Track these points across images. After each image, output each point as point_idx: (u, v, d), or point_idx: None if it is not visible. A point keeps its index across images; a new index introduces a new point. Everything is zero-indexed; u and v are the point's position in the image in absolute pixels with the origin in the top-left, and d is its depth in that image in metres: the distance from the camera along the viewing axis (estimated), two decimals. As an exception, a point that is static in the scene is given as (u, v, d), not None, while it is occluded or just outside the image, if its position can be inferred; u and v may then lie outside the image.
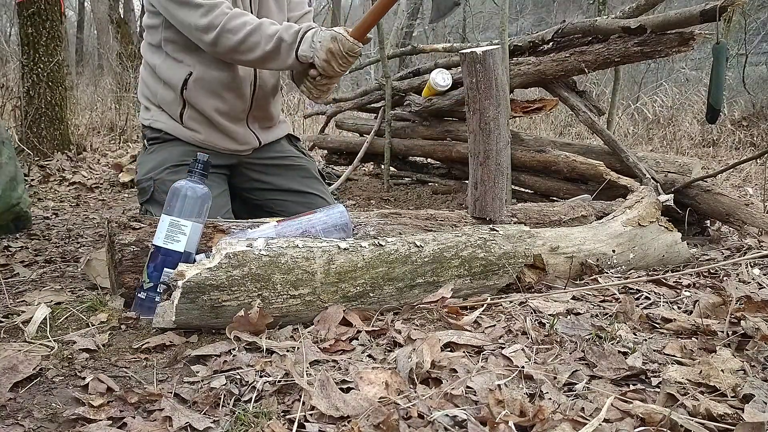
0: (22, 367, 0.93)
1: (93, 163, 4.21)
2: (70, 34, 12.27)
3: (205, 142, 1.78)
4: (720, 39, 2.09)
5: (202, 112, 1.76)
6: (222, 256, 1.08)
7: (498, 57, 1.51)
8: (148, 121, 1.80)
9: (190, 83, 1.72)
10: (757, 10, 9.14)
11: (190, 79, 1.71)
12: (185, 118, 1.76)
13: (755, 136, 6.58)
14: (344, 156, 4.34)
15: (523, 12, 14.10)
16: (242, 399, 0.87)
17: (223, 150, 1.82)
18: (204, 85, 1.73)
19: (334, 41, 1.54)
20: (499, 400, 0.80)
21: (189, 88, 1.72)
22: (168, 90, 1.75)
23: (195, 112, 1.76)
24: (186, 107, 1.75)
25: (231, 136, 1.81)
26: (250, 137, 1.85)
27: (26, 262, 1.74)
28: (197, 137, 1.78)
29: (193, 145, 1.77)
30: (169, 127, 1.78)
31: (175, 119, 1.77)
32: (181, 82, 1.72)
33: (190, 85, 1.72)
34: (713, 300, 1.20)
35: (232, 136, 1.81)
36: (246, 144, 1.85)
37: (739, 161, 2.37)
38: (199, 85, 1.72)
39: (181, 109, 1.75)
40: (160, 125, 1.78)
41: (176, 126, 1.77)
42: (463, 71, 1.54)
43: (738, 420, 0.76)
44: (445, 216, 1.59)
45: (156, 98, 1.79)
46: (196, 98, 1.73)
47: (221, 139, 1.80)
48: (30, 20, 3.93)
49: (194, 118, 1.77)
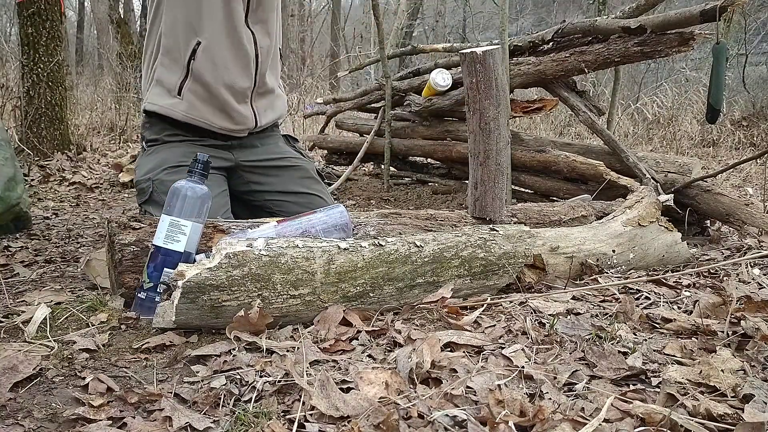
0: (22, 367, 0.93)
1: (93, 163, 4.21)
2: (70, 34, 12.28)
3: (200, 118, 1.74)
4: (720, 39, 2.09)
5: (206, 85, 1.72)
6: (222, 256, 1.08)
7: (498, 57, 1.51)
8: (144, 103, 1.78)
9: (199, 53, 1.68)
10: (757, 10, 9.14)
11: (199, 49, 1.68)
12: (184, 90, 1.72)
13: (755, 136, 6.58)
14: (344, 156, 4.34)
15: (523, 12, 14.10)
16: (242, 399, 0.87)
17: (218, 129, 1.78)
18: (213, 56, 1.69)
19: None
20: (499, 400, 0.80)
21: (198, 59, 1.69)
22: (169, 59, 1.71)
23: (197, 84, 1.72)
24: (188, 78, 1.71)
25: (229, 114, 1.77)
26: (248, 116, 1.81)
27: (26, 262, 1.74)
28: (192, 113, 1.73)
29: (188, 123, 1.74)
30: (164, 106, 1.74)
31: (173, 93, 1.73)
32: (189, 50, 1.68)
33: (199, 55, 1.69)
34: (713, 300, 1.20)
35: (230, 113, 1.77)
36: (242, 124, 1.81)
37: (739, 161, 2.37)
38: (208, 56, 1.69)
39: (182, 80, 1.71)
40: (155, 107, 1.75)
41: (172, 103, 1.73)
42: (463, 71, 1.54)
43: (738, 420, 0.76)
44: (445, 216, 1.59)
45: (155, 71, 1.75)
46: (203, 70, 1.70)
47: (217, 116, 1.76)
48: (30, 20, 3.93)
49: (195, 90, 1.72)
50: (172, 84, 1.73)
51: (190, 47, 1.69)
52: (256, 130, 1.87)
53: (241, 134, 1.85)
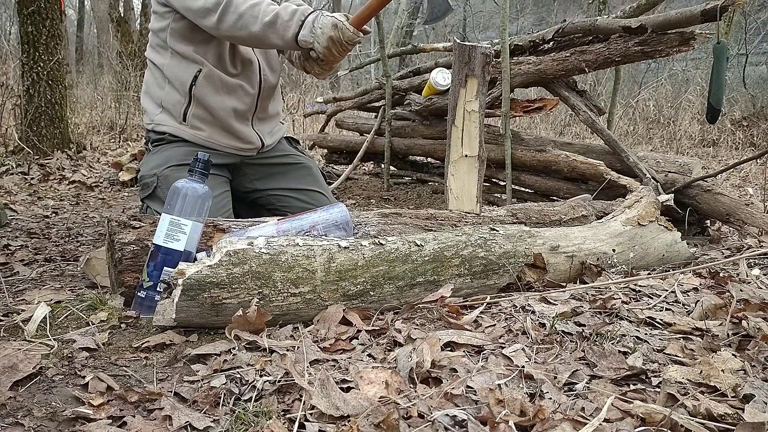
0: (22, 365, 0.93)
1: (93, 161, 4.21)
2: (70, 33, 12.27)
3: (208, 140, 1.79)
4: (720, 39, 2.09)
5: (209, 109, 1.76)
6: (222, 253, 1.08)
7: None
8: (151, 125, 1.81)
9: (200, 79, 1.73)
10: (757, 10, 9.14)
11: (200, 76, 1.73)
12: (189, 117, 1.77)
13: (755, 136, 6.58)
14: (344, 155, 4.34)
15: (524, 11, 14.09)
16: (242, 398, 0.86)
17: (227, 148, 1.82)
18: (213, 81, 1.74)
19: (335, 29, 1.54)
20: (500, 400, 0.80)
21: (198, 85, 1.74)
22: (173, 89, 1.76)
23: (201, 109, 1.76)
24: (191, 105, 1.76)
25: (235, 135, 1.82)
26: (253, 136, 1.86)
27: (26, 260, 1.74)
28: (200, 135, 1.78)
29: (197, 144, 1.78)
30: (172, 128, 1.79)
31: (179, 120, 1.78)
32: (190, 78, 1.73)
33: (200, 81, 1.74)
34: (714, 300, 1.20)
35: (236, 134, 1.82)
36: (249, 143, 1.86)
37: (739, 161, 2.37)
38: (208, 81, 1.74)
39: (186, 108, 1.76)
40: (164, 128, 1.79)
41: (179, 127, 1.78)
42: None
43: (738, 420, 0.76)
44: (445, 215, 1.59)
45: (160, 100, 1.79)
46: (204, 95, 1.75)
47: (225, 137, 1.81)
48: (30, 19, 3.93)
49: (198, 116, 1.77)
50: (177, 111, 1.78)
51: (191, 74, 1.74)
52: (263, 150, 1.91)
53: (250, 153, 1.89)
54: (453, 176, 1.67)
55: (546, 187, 2.73)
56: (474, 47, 1.64)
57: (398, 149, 3.65)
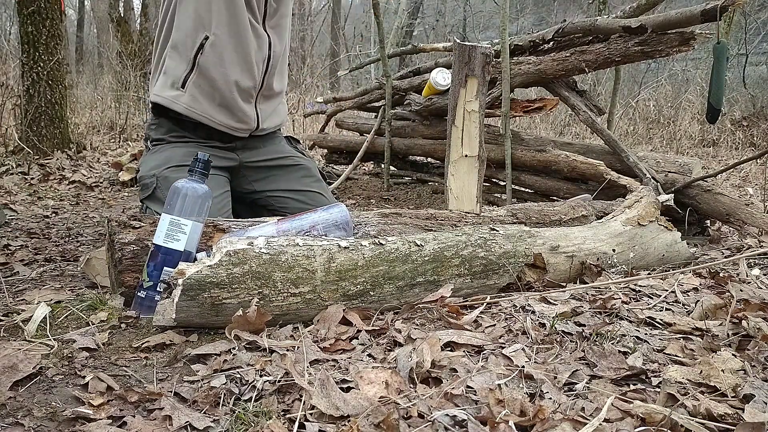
0: (22, 365, 0.93)
1: (93, 161, 4.21)
2: (70, 33, 12.27)
3: (203, 114, 1.75)
4: (720, 39, 2.09)
5: (212, 80, 1.73)
6: (222, 253, 1.08)
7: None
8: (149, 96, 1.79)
9: (206, 47, 1.69)
10: (757, 10, 9.14)
11: (207, 44, 1.69)
12: (189, 83, 1.73)
13: (755, 136, 6.58)
14: (344, 155, 4.35)
15: (524, 11, 14.09)
16: (242, 398, 0.86)
17: (219, 125, 1.78)
18: (221, 52, 1.70)
19: None
20: (500, 400, 0.80)
21: (205, 53, 1.70)
22: (176, 52, 1.73)
23: (202, 79, 1.73)
24: (193, 72, 1.72)
25: (232, 112, 1.78)
26: (251, 116, 1.82)
27: (26, 260, 1.74)
28: (195, 107, 1.74)
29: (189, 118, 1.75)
30: (167, 98, 1.74)
31: (177, 85, 1.74)
32: (196, 44, 1.69)
33: (207, 49, 1.70)
34: (714, 300, 1.20)
35: (233, 111, 1.78)
36: (244, 123, 1.82)
37: (739, 161, 2.37)
38: (216, 51, 1.70)
39: (187, 73, 1.72)
40: (158, 99, 1.75)
41: (175, 95, 1.74)
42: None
43: (738, 420, 0.76)
44: (445, 215, 1.59)
45: (163, 64, 1.76)
46: (210, 64, 1.71)
47: (220, 113, 1.77)
48: (30, 18, 3.93)
49: (198, 85, 1.73)
50: (177, 76, 1.74)
51: (198, 41, 1.70)
52: (257, 132, 1.87)
53: (242, 134, 1.85)
54: (453, 176, 1.67)
55: (546, 187, 2.73)
56: (474, 47, 1.64)
57: (398, 149, 3.65)
